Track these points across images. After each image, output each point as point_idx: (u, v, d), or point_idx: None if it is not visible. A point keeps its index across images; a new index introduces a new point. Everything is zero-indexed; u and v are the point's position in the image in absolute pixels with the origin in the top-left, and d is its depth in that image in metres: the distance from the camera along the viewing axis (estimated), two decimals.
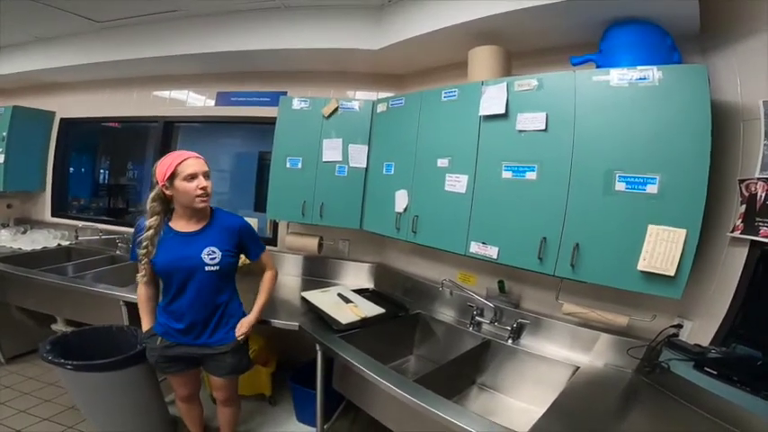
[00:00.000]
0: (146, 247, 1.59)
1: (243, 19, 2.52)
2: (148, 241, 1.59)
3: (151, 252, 1.59)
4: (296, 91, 2.81)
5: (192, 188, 1.54)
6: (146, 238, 1.59)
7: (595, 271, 1.47)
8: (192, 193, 1.54)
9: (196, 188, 1.54)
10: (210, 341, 1.68)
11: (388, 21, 2.25)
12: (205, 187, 1.56)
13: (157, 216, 1.61)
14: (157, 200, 1.60)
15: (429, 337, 2.24)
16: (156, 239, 1.60)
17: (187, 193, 1.54)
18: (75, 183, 3.93)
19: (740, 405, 1.26)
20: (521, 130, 1.65)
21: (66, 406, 2.32)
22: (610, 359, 1.72)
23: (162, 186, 1.56)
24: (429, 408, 1.32)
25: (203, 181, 1.56)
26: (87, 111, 3.58)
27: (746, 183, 1.41)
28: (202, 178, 1.56)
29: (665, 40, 1.54)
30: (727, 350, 1.41)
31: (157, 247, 1.60)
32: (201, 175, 1.56)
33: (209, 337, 1.68)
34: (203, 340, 1.68)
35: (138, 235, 1.62)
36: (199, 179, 1.55)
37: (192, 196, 1.55)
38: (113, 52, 2.93)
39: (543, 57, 2.02)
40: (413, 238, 2.04)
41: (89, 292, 2.30)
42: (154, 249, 1.59)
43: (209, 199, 1.60)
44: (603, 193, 1.44)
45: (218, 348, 1.69)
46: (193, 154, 1.60)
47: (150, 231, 1.59)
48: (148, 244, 1.59)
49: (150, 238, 1.59)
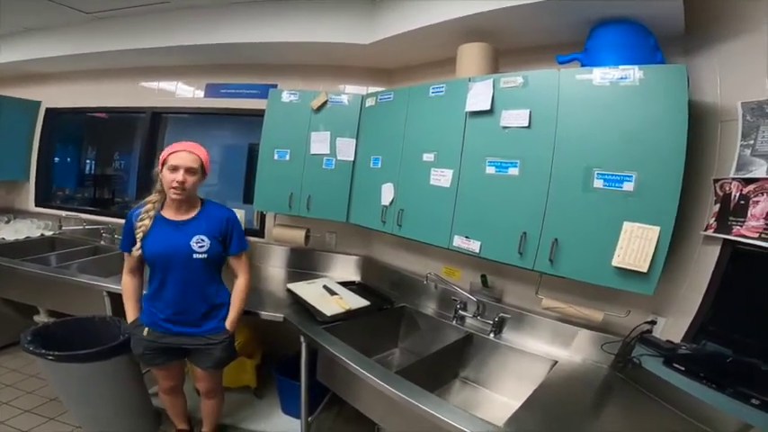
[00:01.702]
0: (143, 219, 1.62)
1: (234, 11, 2.51)
2: (146, 214, 1.63)
3: (148, 227, 1.61)
4: (286, 84, 2.80)
5: (170, 180, 1.56)
6: (145, 210, 1.63)
7: (573, 266, 1.49)
8: (168, 184, 1.57)
9: (173, 180, 1.56)
10: (201, 331, 1.69)
11: (380, 15, 2.25)
12: (181, 182, 1.56)
13: (159, 194, 1.66)
14: (159, 181, 1.65)
15: (414, 331, 2.26)
16: (153, 214, 1.64)
17: (166, 183, 1.58)
18: (61, 173, 3.88)
19: (705, 402, 1.27)
20: (505, 127, 1.66)
21: (48, 398, 2.30)
22: (588, 354, 1.75)
23: (159, 171, 1.62)
24: (410, 400, 1.33)
25: (180, 175, 1.56)
26: (74, 101, 3.54)
27: (721, 182, 1.44)
28: (182, 172, 1.57)
29: (649, 40, 1.56)
30: (697, 347, 1.43)
31: (147, 234, 1.62)
32: (183, 169, 1.57)
33: (200, 327, 1.69)
34: (193, 330, 1.68)
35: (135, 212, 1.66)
36: (178, 173, 1.56)
37: (167, 187, 1.58)
38: (102, 43, 2.89)
39: (531, 55, 2.04)
40: (398, 231, 2.05)
41: (72, 282, 2.29)
42: (150, 224, 1.62)
43: (183, 194, 1.59)
44: (582, 190, 1.46)
45: (209, 339, 1.69)
46: (189, 148, 1.62)
47: (149, 205, 1.64)
48: (146, 217, 1.62)
49: (148, 211, 1.63)
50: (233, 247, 1.75)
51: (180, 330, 1.67)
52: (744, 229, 1.34)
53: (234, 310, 1.76)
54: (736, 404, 1.20)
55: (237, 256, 1.77)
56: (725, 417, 1.24)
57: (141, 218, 1.63)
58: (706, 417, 1.29)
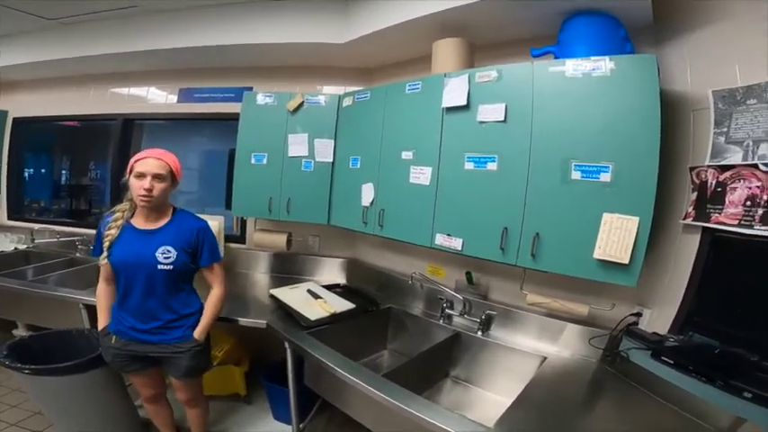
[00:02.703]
0: (110, 228, 1.59)
1: (204, 14, 2.45)
2: (114, 223, 1.60)
3: (114, 236, 1.58)
4: (262, 86, 2.75)
5: (137, 187, 1.53)
6: (113, 219, 1.60)
7: (555, 260, 1.48)
8: (136, 192, 1.54)
9: (140, 187, 1.52)
10: (167, 339, 1.65)
11: (355, 14, 2.23)
12: (148, 189, 1.52)
13: (129, 202, 1.63)
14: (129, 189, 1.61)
15: (402, 332, 2.23)
16: (120, 223, 1.60)
17: (133, 191, 1.55)
18: (35, 184, 3.76)
19: (696, 395, 1.25)
20: (482, 122, 1.65)
21: (33, 411, 2.25)
22: (576, 349, 1.75)
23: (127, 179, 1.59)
24: (398, 404, 1.31)
25: (148, 182, 1.52)
26: (42, 109, 3.43)
27: (697, 170, 1.44)
28: (149, 179, 1.53)
29: (619, 31, 1.57)
30: (684, 339, 1.42)
31: (115, 242, 1.58)
32: (150, 176, 1.53)
33: (164, 336, 1.64)
34: (158, 338, 1.64)
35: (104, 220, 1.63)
36: (145, 180, 1.52)
37: (135, 194, 1.55)
38: (69, 49, 2.81)
39: (506, 49, 2.03)
40: (380, 232, 2.03)
41: (47, 296, 2.23)
42: (118, 233, 1.59)
43: (152, 201, 1.55)
44: (561, 183, 1.45)
45: (176, 347, 1.65)
46: (156, 154, 1.58)
47: (117, 214, 1.61)
48: (113, 226, 1.59)
49: (116, 219, 1.60)
50: (203, 259, 1.69)
51: (145, 338, 1.63)
52: (722, 217, 1.35)
53: (204, 319, 1.71)
54: (729, 397, 1.17)
55: (209, 268, 1.72)
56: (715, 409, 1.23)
57: (109, 226, 1.60)
58: (699, 410, 1.28)
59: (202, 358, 1.75)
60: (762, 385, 1.12)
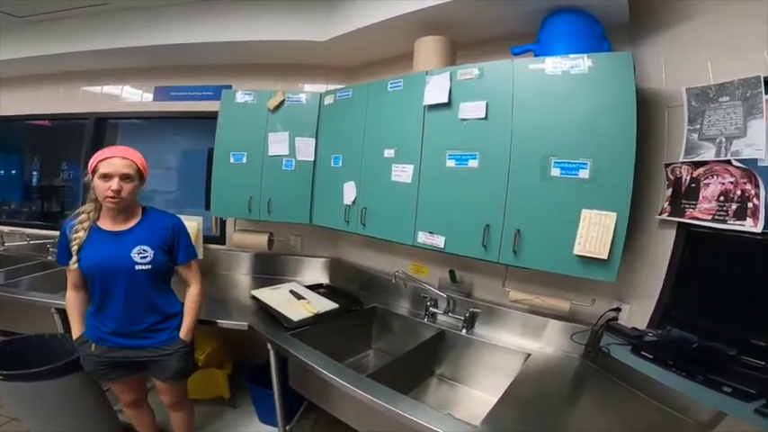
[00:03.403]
0: (77, 231, 1.50)
1: (181, 11, 2.41)
2: (80, 225, 1.51)
3: (82, 239, 1.50)
4: (241, 84, 2.68)
5: (104, 188, 1.45)
6: (79, 221, 1.51)
7: (536, 257, 1.49)
8: (102, 194, 1.46)
9: (107, 189, 1.45)
10: (152, 342, 1.60)
11: (337, 11, 2.20)
12: (117, 190, 1.45)
13: (94, 203, 1.54)
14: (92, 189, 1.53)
15: (386, 331, 2.22)
16: (87, 225, 1.51)
17: (99, 192, 1.47)
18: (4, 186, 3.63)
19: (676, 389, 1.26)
20: (463, 119, 1.65)
21: (10, 417, 2.18)
22: (559, 345, 1.76)
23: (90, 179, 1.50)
24: (383, 404, 1.29)
25: (116, 183, 1.45)
26: (12, 109, 3.31)
27: (672, 167, 1.47)
28: (117, 180, 1.46)
29: (596, 29, 1.58)
30: (662, 333, 1.44)
31: (83, 247, 1.50)
32: (117, 176, 1.46)
33: (151, 339, 1.60)
34: (144, 342, 1.59)
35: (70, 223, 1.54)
36: (112, 180, 1.45)
37: (101, 196, 1.47)
38: (37, 47, 2.72)
39: (487, 47, 2.03)
40: (362, 231, 2.01)
41: (18, 300, 2.16)
42: (86, 235, 1.50)
43: (121, 203, 1.49)
44: (540, 179, 1.46)
45: (162, 350, 1.61)
46: (121, 153, 1.51)
47: (83, 215, 1.53)
48: (80, 228, 1.50)
49: (82, 222, 1.51)
50: (181, 256, 1.65)
51: (128, 343, 1.58)
52: (696, 212, 1.37)
53: (187, 319, 1.67)
54: (708, 392, 1.18)
55: (187, 266, 1.68)
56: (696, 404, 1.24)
57: (76, 229, 1.51)
58: (679, 404, 1.29)
59: (189, 360, 1.72)
60: (741, 379, 1.14)
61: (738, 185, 1.28)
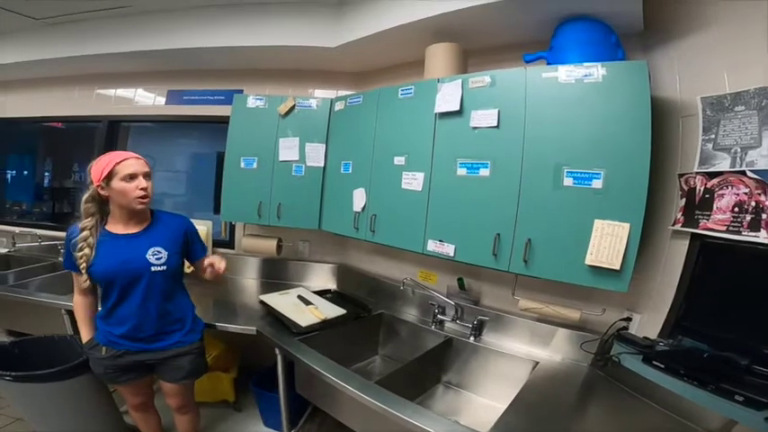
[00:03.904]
0: (81, 249, 1.48)
1: (195, 16, 2.42)
2: (84, 243, 1.48)
3: (89, 255, 1.48)
4: (252, 89, 2.73)
5: (132, 188, 1.46)
6: (81, 239, 1.49)
7: (547, 266, 1.48)
8: (131, 194, 1.46)
9: (136, 188, 1.46)
10: (166, 344, 1.61)
11: (347, 18, 2.22)
12: (145, 188, 1.49)
13: (92, 217, 1.52)
14: (92, 201, 1.51)
15: (393, 337, 2.21)
16: (92, 241, 1.49)
17: (125, 194, 1.47)
18: (17, 186, 3.67)
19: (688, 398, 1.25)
20: (475, 127, 1.65)
21: (14, 417, 2.19)
22: (567, 353, 1.75)
23: (97, 186, 1.47)
24: (391, 410, 1.29)
25: (143, 181, 1.48)
26: (25, 110, 3.36)
27: (686, 177, 1.45)
28: (142, 179, 1.48)
29: (610, 37, 1.58)
30: (674, 343, 1.42)
31: (96, 253, 1.50)
32: (142, 175, 1.49)
33: (163, 341, 1.60)
34: (158, 345, 1.59)
35: (72, 241, 1.51)
36: (139, 179, 1.48)
37: (130, 197, 1.47)
38: (56, 50, 2.76)
39: (499, 54, 2.04)
40: (371, 238, 2.01)
41: (29, 301, 2.18)
42: (92, 252, 1.49)
43: (150, 201, 1.52)
44: (553, 189, 1.45)
45: (176, 351, 1.62)
46: (132, 154, 1.52)
47: (85, 233, 1.49)
48: (84, 246, 1.48)
49: (86, 238, 1.49)
50: (198, 252, 1.71)
51: (140, 347, 1.58)
52: (710, 223, 1.36)
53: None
54: (720, 401, 1.17)
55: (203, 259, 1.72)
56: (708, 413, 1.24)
57: (80, 246, 1.49)
58: (689, 413, 1.29)
59: (202, 360, 1.73)
60: (753, 388, 1.13)
61: (753, 196, 1.27)
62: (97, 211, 1.53)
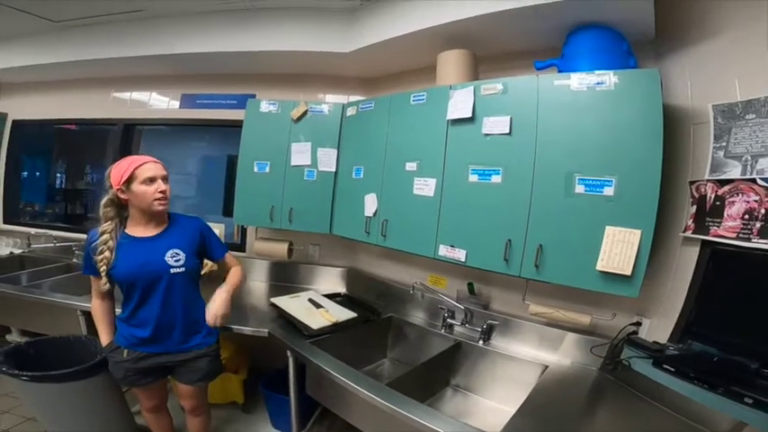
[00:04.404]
0: (102, 253, 1.52)
1: (210, 20, 2.46)
2: (104, 246, 1.52)
3: (110, 258, 1.52)
4: (265, 94, 2.76)
5: (151, 191, 1.51)
6: (101, 242, 1.52)
7: (558, 271, 1.50)
8: (151, 197, 1.51)
9: (155, 191, 1.51)
10: (187, 347, 1.64)
11: (360, 24, 2.25)
12: (164, 191, 1.54)
13: (111, 221, 1.56)
14: (111, 205, 1.56)
15: (402, 341, 2.23)
16: (112, 244, 1.53)
17: (145, 197, 1.51)
18: (30, 188, 3.72)
19: (698, 401, 1.28)
20: (486, 134, 1.67)
21: (25, 417, 2.22)
22: (576, 357, 1.76)
23: (117, 190, 1.51)
24: (402, 411, 1.31)
25: (162, 184, 1.54)
26: (42, 112, 3.41)
27: (697, 184, 1.47)
28: (161, 182, 1.54)
29: (622, 45, 1.59)
30: (684, 347, 1.44)
31: (116, 256, 1.53)
32: (160, 178, 1.54)
33: (184, 343, 1.63)
34: (177, 347, 1.62)
35: (92, 245, 1.55)
36: (158, 182, 1.53)
37: (150, 200, 1.52)
38: (72, 52, 2.80)
39: (509, 61, 2.06)
40: (383, 242, 2.03)
41: (43, 301, 2.20)
42: (112, 255, 1.52)
43: (168, 203, 1.57)
44: (564, 196, 1.47)
45: (195, 353, 1.65)
46: (150, 158, 1.57)
47: (105, 236, 1.53)
48: (105, 249, 1.52)
49: (106, 242, 1.52)
50: (217, 252, 1.77)
51: (161, 349, 1.61)
52: (721, 230, 1.37)
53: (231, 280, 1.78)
54: (730, 403, 1.20)
55: (224, 259, 1.81)
56: (718, 415, 1.25)
57: (100, 250, 1.52)
58: (699, 416, 1.30)
59: (218, 362, 1.76)
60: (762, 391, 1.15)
61: (763, 204, 1.28)
62: (116, 215, 1.56)
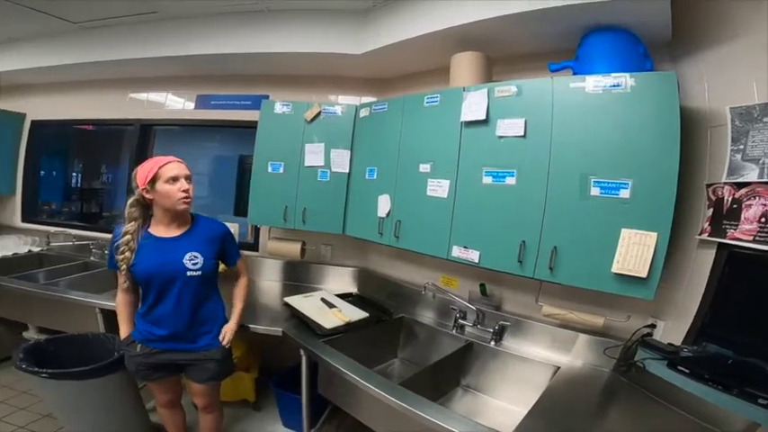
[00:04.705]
0: (123, 253, 1.56)
1: (225, 22, 2.50)
2: (125, 246, 1.56)
3: (130, 258, 1.56)
4: (278, 95, 2.78)
5: (175, 190, 1.54)
6: (123, 242, 1.57)
7: (573, 273, 1.50)
8: (175, 196, 1.54)
9: (178, 190, 1.54)
10: (196, 347, 1.66)
11: (373, 25, 2.27)
12: (187, 189, 1.57)
13: (135, 222, 1.60)
14: (136, 205, 1.60)
15: (413, 341, 2.24)
16: (133, 245, 1.57)
17: (169, 196, 1.54)
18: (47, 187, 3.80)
19: (713, 402, 1.29)
20: (500, 136, 1.67)
21: (42, 414, 2.25)
22: (588, 359, 1.76)
23: (143, 190, 1.55)
24: (414, 410, 1.32)
25: (185, 184, 1.57)
26: (60, 113, 3.47)
27: (713, 187, 1.46)
28: (184, 181, 1.57)
29: (638, 47, 1.59)
30: (699, 349, 1.44)
31: (137, 254, 1.57)
32: (183, 178, 1.57)
33: (195, 343, 1.66)
34: (188, 346, 1.65)
35: (116, 241, 1.59)
36: (181, 182, 1.56)
37: (174, 199, 1.55)
38: (90, 53, 2.85)
39: (523, 63, 2.06)
40: (395, 243, 2.04)
41: (62, 299, 2.25)
42: (132, 255, 1.56)
43: (191, 201, 1.60)
44: (579, 198, 1.47)
45: (203, 354, 1.67)
46: (174, 158, 1.60)
47: (127, 236, 1.57)
48: (126, 249, 1.56)
49: (127, 242, 1.56)
50: (231, 259, 1.79)
51: (173, 347, 1.64)
52: (738, 233, 1.36)
53: (238, 305, 1.82)
54: (743, 404, 1.21)
55: (237, 265, 1.83)
56: (731, 416, 1.25)
57: (122, 250, 1.56)
58: (713, 417, 1.30)
59: (229, 363, 1.78)
60: None
61: None
62: (140, 215, 1.60)
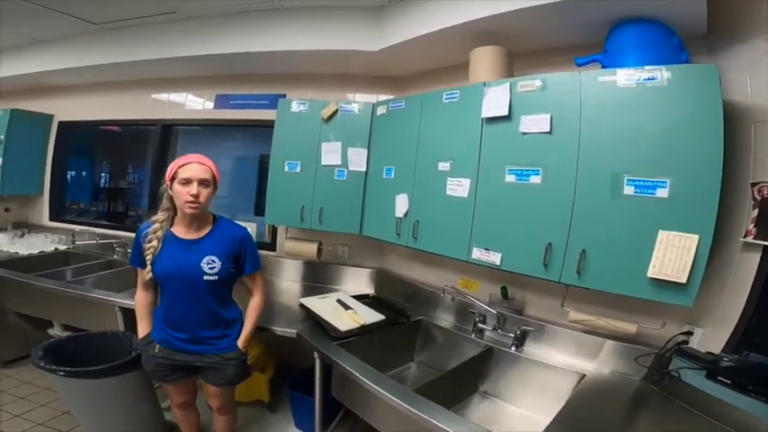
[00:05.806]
0: (150, 241, 1.57)
1: (241, 21, 2.50)
2: (154, 235, 1.57)
3: (156, 248, 1.56)
4: (295, 93, 2.78)
5: (185, 193, 1.51)
6: (152, 230, 1.58)
7: (603, 278, 1.42)
8: (182, 199, 1.52)
9: (187, 194, 1.51)
10: (213, 349, 1.65)
11: (388, 22, 2.23)
12: (195, 195, 1.51)
13: (166, 212, 1.60)
14: (168, 198, 1.60)
15: (430, 344, 2.19)
16: (161, 234, 1.58)
17: (179, 198, 1.53)
18: (75, 186, 3.92)
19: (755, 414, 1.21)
20: (524, 133, 1.60)
21: (61, 411, 2.30)
22: (616, 366, 1.68)
23: (168, 186, 1.56)
24: (428, 418, 1.28)
25: (194, 188, 1.51)
26: (86, 114, 3.57)
27: (759, 186, 1.37)
28: (195, 185, 1.52)
29: (673, 40, 1.50)
30: (740, 358, 1.36)
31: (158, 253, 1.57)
32: (196, 181, 1.52)
33: (212, 346, 1.65)
34: (205, 348, 1.64)
35: (143, 232, 1.60)
36: (191, 185, 1.51)
37: (182, 201, 1.53)
38: (112, 54, 2.91)
39: (546, 58, 1.99)
40: (413, 244, 2.00)
41: (84, 297, 2.29)
42: (159, 245, 1.57)
43: (199, 207, 1.54)
44: (611, 198, 1.39)
45: (221, 357, 1.66)
46: (198, 159, 1.58)
47: (156, 225, 1.59)
48: (154, 238, 1.57)
49: (156, 231, 1.58)
50: (247, 267, 1.69)
51: (191, 348, 1.63)
52: None
53: (247, 327, 1.72)
54: None
55: (251, 276, 1.73)
56: None
57: (150, 239, 1.57)
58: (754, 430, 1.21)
59: (245, 367, 1.76)
60: None
61: None
62: (171, 207, 1.60)
